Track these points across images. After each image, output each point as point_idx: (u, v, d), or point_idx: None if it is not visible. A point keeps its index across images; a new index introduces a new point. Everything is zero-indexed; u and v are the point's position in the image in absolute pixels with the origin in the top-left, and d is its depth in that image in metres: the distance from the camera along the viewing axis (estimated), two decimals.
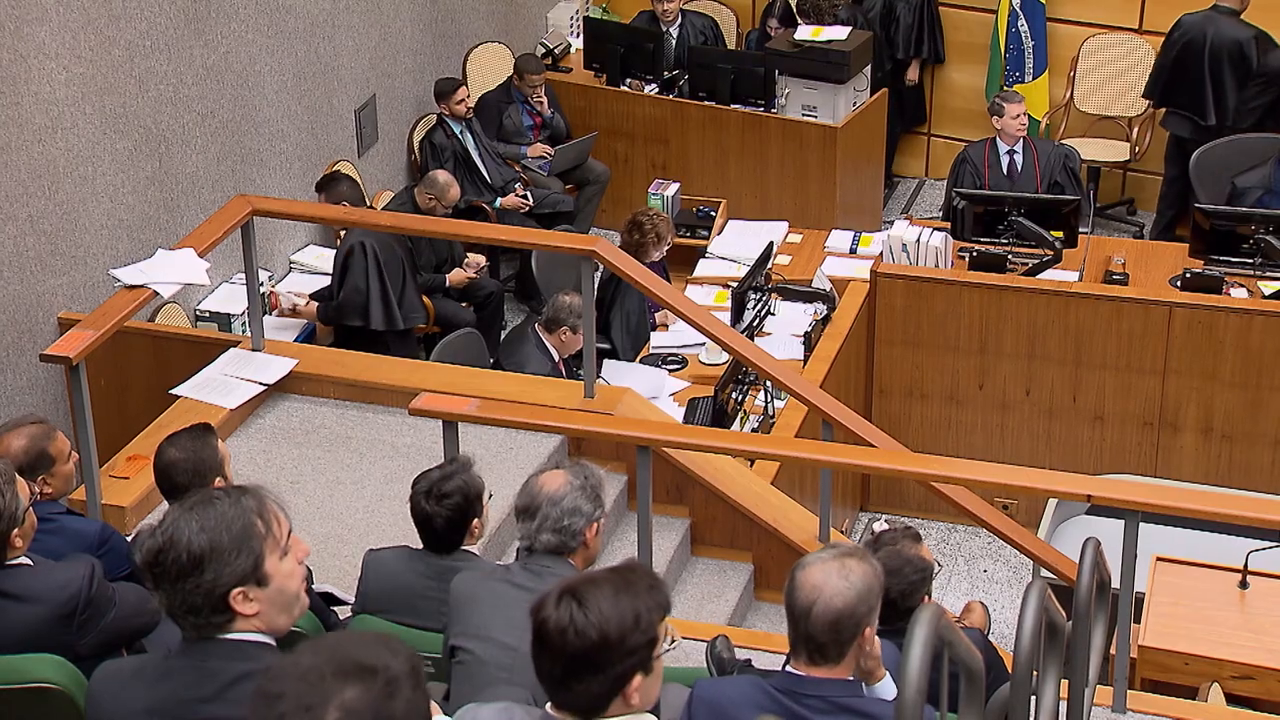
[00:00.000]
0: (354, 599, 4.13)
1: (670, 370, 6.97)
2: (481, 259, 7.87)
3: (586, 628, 2.43)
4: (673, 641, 2.58)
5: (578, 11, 9.78)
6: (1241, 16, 8.33)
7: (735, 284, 7.06)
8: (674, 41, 9.18)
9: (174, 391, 5.75)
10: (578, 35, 9.60)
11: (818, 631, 2.94)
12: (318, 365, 6.04)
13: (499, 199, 8.37)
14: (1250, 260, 6.90)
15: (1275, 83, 8.29)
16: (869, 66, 8.65)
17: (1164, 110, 8.75)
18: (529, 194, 8.45)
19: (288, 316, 7.16)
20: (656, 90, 8.96)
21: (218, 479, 3.94)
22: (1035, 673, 3.41)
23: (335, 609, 4.23)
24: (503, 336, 7.59)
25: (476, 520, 4.00)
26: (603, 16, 9.83)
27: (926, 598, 3.92)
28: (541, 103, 8.77)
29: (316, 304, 7.15)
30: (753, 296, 7.03)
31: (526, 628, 2.51)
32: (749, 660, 3.98)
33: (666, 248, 7.23)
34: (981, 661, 2.86)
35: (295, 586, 2.50)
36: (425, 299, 7.36)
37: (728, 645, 4.09)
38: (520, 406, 5.39)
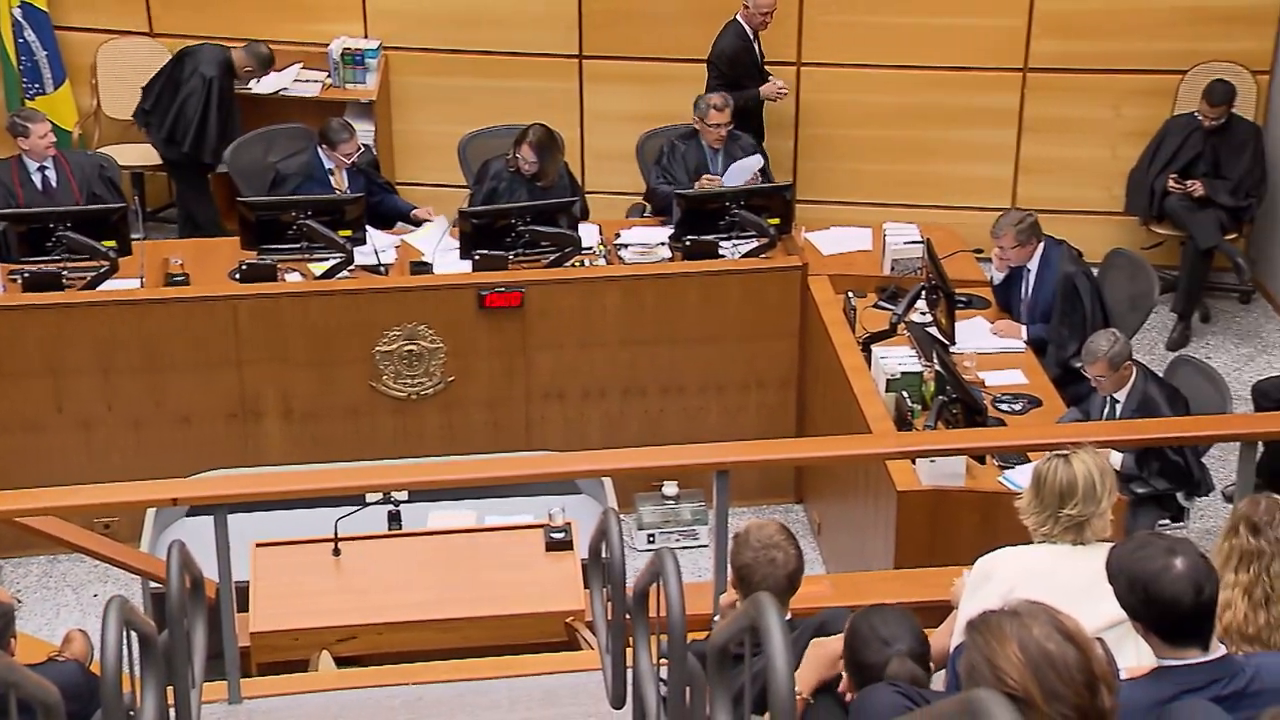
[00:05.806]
0: None
1: None
2: None
3: None
4: None
5: None
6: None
7: None
8: None
9: None
10: None
11: None
12: None
13: None
14: (298, 245, 7.20)
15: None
16: None
17: None
18: None
19: None
20: None
21: None
22: (134, 689, 3.37)
23: None
24: None
25: None
26: None
27: (13, 639, 3.74)
28: None
29: None
30: None
31: None
32: None
33: None
34: (55, 693, 2.77)
35: None
36: None
37: None
38: None
